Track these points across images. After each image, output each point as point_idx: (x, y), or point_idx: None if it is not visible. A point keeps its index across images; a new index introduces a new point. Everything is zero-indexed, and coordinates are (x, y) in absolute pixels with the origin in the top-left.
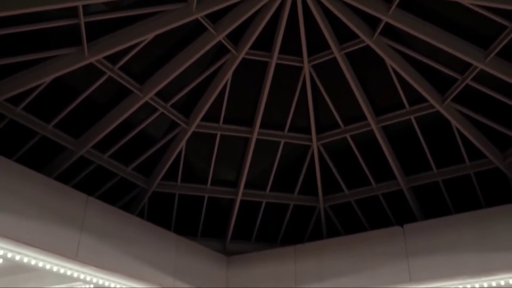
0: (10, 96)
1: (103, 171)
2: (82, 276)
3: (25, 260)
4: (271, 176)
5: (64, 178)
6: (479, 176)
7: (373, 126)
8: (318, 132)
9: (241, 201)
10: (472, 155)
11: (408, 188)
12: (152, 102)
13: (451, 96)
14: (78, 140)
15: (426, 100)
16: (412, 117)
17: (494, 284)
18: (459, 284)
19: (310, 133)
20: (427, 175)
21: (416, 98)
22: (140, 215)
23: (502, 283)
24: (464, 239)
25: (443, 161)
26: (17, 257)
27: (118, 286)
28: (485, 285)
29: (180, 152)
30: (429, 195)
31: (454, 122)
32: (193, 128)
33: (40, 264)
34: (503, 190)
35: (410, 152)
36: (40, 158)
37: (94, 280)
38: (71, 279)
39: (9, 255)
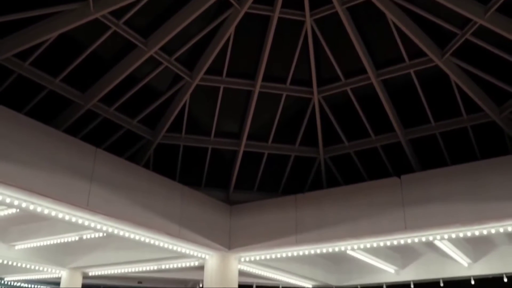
0: (18, 51)
1: (109, 124)
2: (92, 225)
3: (39, 209)
4: (273, 128)
5: (72, 131)
6: (476, 129)
7: (373, 80)
8: (319, 85)
9: (244, 152)
10: (469, 109)
11: (406, 140)
12: (156, 56)
13: (451, 51)
14: (85, 94)
15: (425, 55)
16: (411, 71)
17: (485, 232)
18: (452, 232)
19: (311, 86)
20: (425, 128)
21: (416, 52)
22: (146, 166)
23: (493, 231)
24: (459, 190)
25: (441, 114)
26: (31, 207)
27: (126, 234)
28: (477, 233)
29: (184, 105)
30: (427, 147)
31: (452, 77)
32: (196, 81)
33: (53, 214)
34: (498, 143)
35: (409, 105)
36: (48, 112)
37: (104, 228)
38: (82, 227)
39: (24, 205)
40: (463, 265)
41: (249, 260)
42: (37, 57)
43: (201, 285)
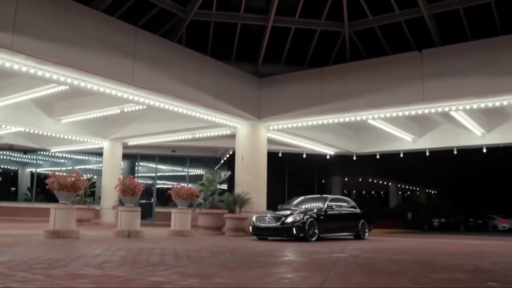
0: None
1: (143, 3)
2: (136, 98)
3: (89, 86)
4: (300, 3)
5: (108, 12)
6: (499, 4)
7: None
8: None
9: (272, 27)
10: None
11: (430, 15)
12: None
13: None
14: None
15: None
16: None
17: (497, 104)
18: (467, 103)
19: None
20: (449, 3)
21: None
22: (179, 42)
23: (505, 103)
24: (476, 64)
25: None
26: (82, 84)
27: (166, 106)
28: (490, 105)
29: None
30: (449, 23)
31: None
32: None
33: (101, 90)
34: None
35: None
36: None
37: (147, 101)
38: (125, 101)
39: (75, 82)
40: (477, 135)
41: (277, 129)
42: None
43: (231, 152)
